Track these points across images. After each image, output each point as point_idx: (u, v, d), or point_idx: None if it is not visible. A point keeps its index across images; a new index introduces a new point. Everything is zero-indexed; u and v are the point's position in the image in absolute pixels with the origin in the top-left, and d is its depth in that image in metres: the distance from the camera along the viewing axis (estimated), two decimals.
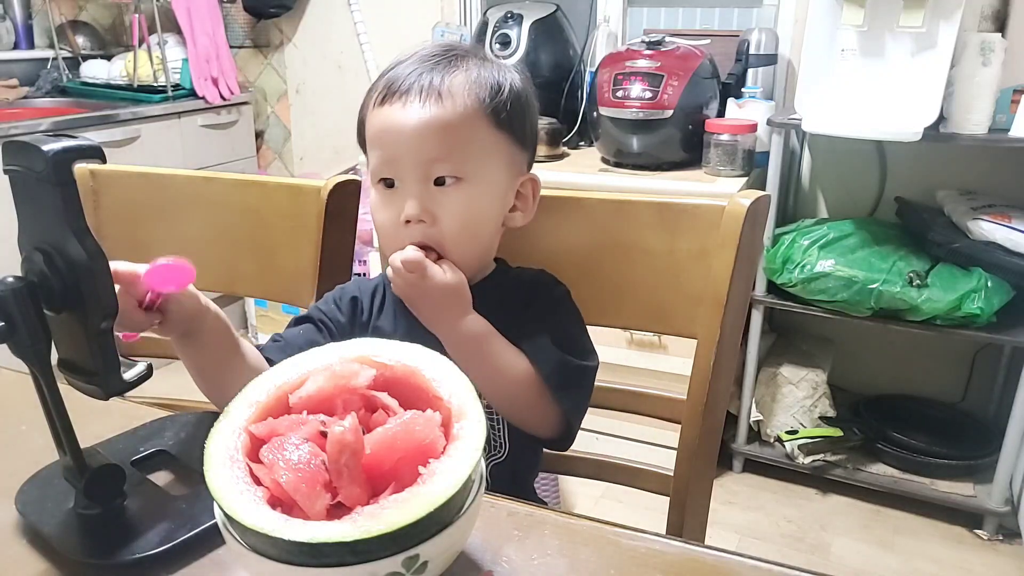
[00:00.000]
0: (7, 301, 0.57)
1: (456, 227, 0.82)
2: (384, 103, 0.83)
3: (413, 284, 0.79)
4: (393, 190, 0.83)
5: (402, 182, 0.82)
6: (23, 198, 0.60)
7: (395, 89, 0.82)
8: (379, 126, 0.83)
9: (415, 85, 0.82)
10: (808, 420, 2.15)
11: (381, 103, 0.83)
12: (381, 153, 0.83)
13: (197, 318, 0.75)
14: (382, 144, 0.83)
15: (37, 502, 0.66)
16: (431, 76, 0.82)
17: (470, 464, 0.51)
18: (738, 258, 0.87)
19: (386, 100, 0.83)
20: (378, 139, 0.83)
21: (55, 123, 2.37)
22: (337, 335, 0.89)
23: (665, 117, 2.03)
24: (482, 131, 0.83)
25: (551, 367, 0.82)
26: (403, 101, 0.82)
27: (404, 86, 0.82)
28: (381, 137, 0.83)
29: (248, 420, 0.55)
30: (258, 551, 0.49)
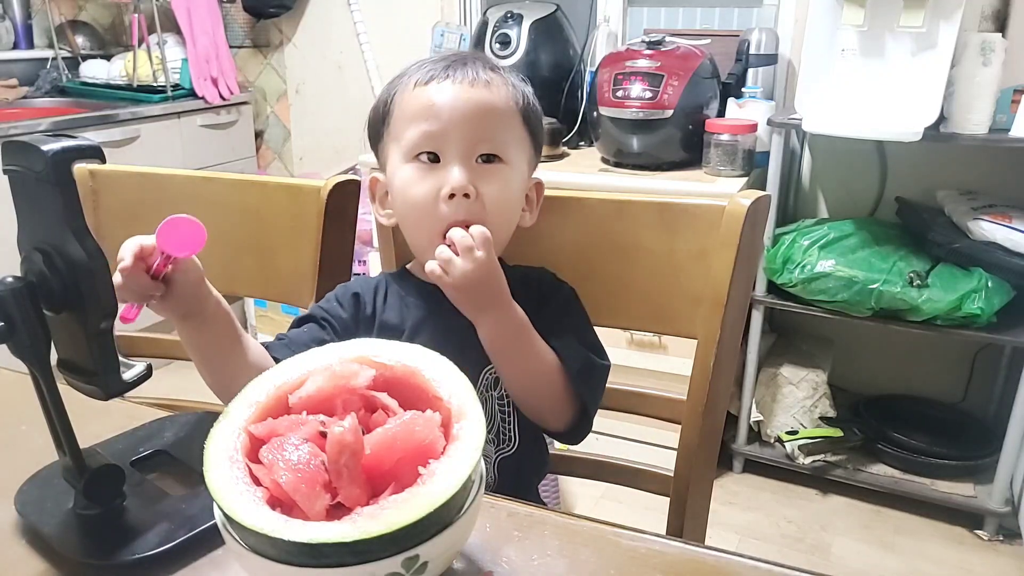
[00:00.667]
0: (7, 301, 0.57)
1: (497, 205, 0.84)
2: (430, 82, 0.85)
3: (480, 263, 0.78)
4: (434, 165, 0.83)
5: (447, 156, 0.83)
6: (23, 198, 0.60)
7: (442, 73, 0.85)
8: (426, 101, 0.84)
9: (462, 71, 0.85)
10: (808, 420, 2.15)
11: (426, 83, 0.85)
12: (428, 127, 0.83)
13: (199, 298, 0.75)
14: (430, 118, 0.83)
15: (37, 502, 0.66)
16: (474, 68, 0.86)
17: (470, 464, 0.51)
18: (738, 258, 0.87)
19: (433, 79, 0.85)
20: (425, 113, 0.84)
21: (54, 123, 2.37)
22: (341, 332, 0.89)
23: (665, 117, 2.03)
24: (517, 125, 0.88)
25: (579, 364, 0.85)
26: (453, 80, 0.84)
27: (451, 71, 0.85)
28: (429, 111, 0.84)
29: (248, 420, 0.55)
30: (257, 551, 0.49)
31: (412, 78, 0.87)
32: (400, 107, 0.87)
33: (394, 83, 0.90)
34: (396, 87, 0.89)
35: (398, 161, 0.86)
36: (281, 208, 1.14)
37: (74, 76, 2.97)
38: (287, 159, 3.19)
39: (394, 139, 0.87)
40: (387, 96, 0.90)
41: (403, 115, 0.86)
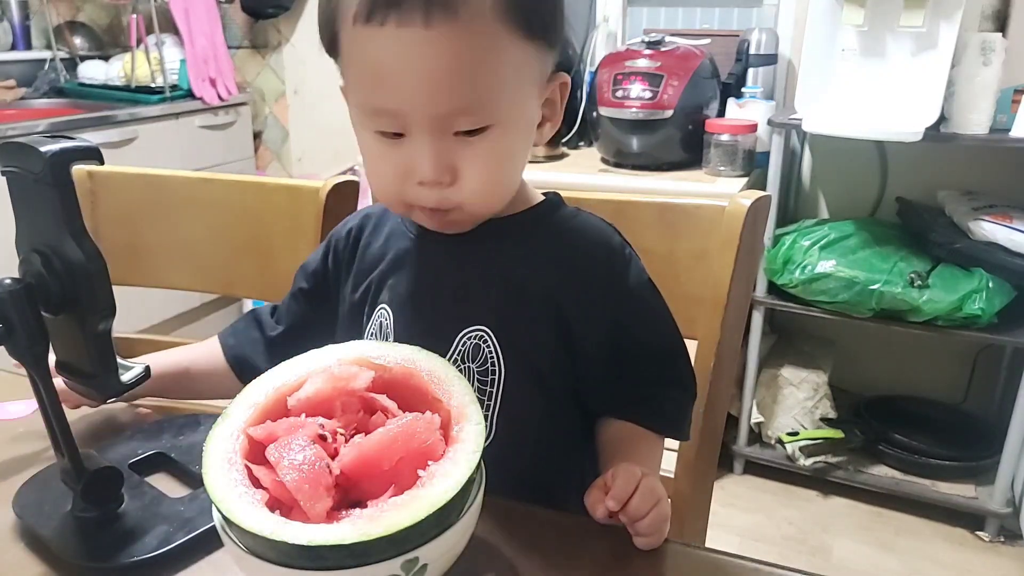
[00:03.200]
0: (4, 303, 0.57)
1: (482, 183, 0.66)
2: (371, 21, 0.60)
3: (664, 517, 0.62)
4: (398, 140, 0.65)
5: (411, 132, 0.64)
6: (20, 199, 0.59)
7: (382, 7, 0.59)
8: (371, 61, 0.62)
9: None
10: (809, 421, 2.15)
11: (366, 20, 0.60)
12: (379, 102, 0.64)
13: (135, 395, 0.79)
14: (380, 87, 0.63)
15: (35, 505, 0.65)
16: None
17: (470, 466, 0.51)
18: (738, 259, 0.87)
19: (372, 16, 0.60)
20: (372, 80, 0.63)
21: (52, 124, 2.36)
22: (316, 291, 0.84)
23: (665, 117, 2.03)
24: (509, 50, 0.63)
25: (678, 405, 0.77)
26: (397, 19, 0.59)
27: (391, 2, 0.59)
28: (376, 77, 0.62)
29: (246, 422, 0.55)
30: (256, 554, 0.49)
31: (348, 3, 0.62)
32: (343, 44, 0.65)
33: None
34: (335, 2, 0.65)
35: (354, 116, 0.69)
36: (280, 209, 1.14)
37: (72, 77, 2.97)
38: (286, 160, 3.19)
39: (345, 76, 0.68)
40: (329, 3, 0.67)
41: (348, 60, 0.66)
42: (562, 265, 0.72)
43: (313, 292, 0.84)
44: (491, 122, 0.64)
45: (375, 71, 0.62)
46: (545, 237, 0.74)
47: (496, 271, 0.73)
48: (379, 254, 0.78)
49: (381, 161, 0.68)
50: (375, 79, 0.63)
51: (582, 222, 0.77)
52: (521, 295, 0.72)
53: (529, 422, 0.72)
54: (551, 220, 0.76)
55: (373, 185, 0.71)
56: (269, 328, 0.85)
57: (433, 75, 0.60)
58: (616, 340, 0.73)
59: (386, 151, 0.66)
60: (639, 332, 0.74)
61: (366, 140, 0.68)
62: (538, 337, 0.72)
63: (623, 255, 0.75)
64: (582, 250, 0.74)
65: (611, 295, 0.73)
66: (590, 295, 0.72)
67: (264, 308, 0.87)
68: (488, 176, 0.67)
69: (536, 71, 0.67)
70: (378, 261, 0.78)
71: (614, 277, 0.74)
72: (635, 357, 0.74)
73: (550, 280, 0.72)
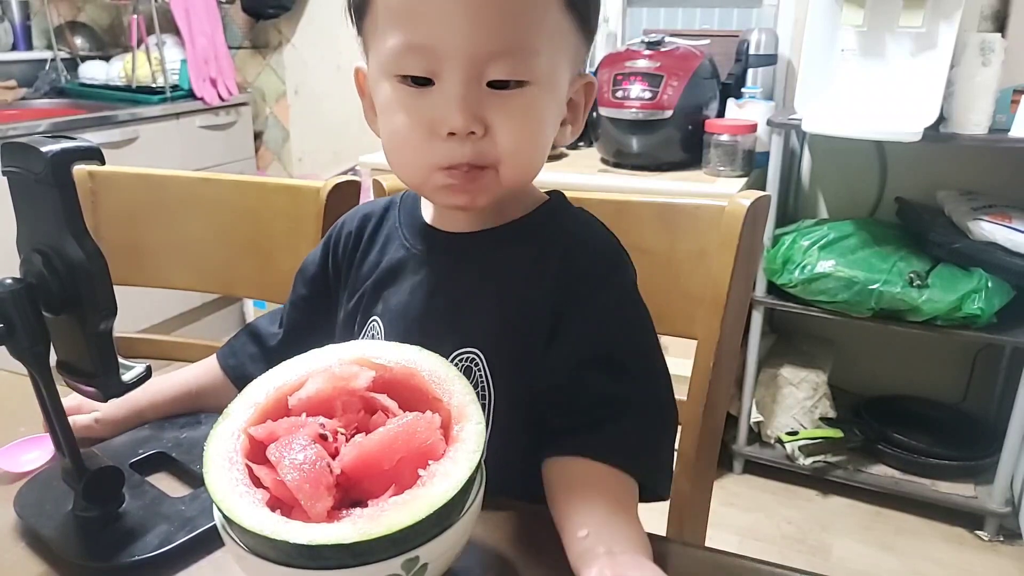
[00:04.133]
0: (5, 303, 0.57)
1: (517, 138, 0.62)
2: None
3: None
4: (424, 89, 0.60)
5: (442, 78, 0.59)
6: (22, 199, 0.60)
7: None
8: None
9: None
10: (808, 421, 2.15)
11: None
12: (410, 36, 0.59)
13: (129, 424, 0.79)
14: (413, 20, 0.59)
15: (36, 504, 0.66)
16: None
17: (470, 466, 0.51)
18: (738, 259, 0.87)
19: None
20: (403, 15, 0.59)
21: (53, 124, 2.37)
22: (315, 295, 0.81)
23: (665, 117, 2.03)
24: (552, 10, 0.61)
25: (645, 441, 0.64)
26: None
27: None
28: (409, 9, 0.59)
29: (247, 422, 0.55)
30: (257, 553, 0.49)
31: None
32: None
33: None
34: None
35: (376, 71, 0.64)
36: (280, 209, 1.14)
37: (73, 77, 2.97)
38: (286, 160, 3.19)
39: (372, 33, 0.64)
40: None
41: (377, 5, 0.62)
42: (562, 277, 0.67)
43: (313, 298, 0.82)
44: (526, 77, 0.60)
45: (415, 3, 0.58)
46: (547, 245, 0.69)
47: (493, 288, 0.69)
48: (374, 262, 0.75)
49: (405, 115, 0.62)
50: (414, 11, 0.58)
51: (585, 228, 0.72)
52: (517, 314, 0.68)
53: (519, 444, 0.66)
54: (554, 225, 0.71)
55: (393, 151, 0.65)
56: (269, 339, 0.83)
57: (475, 10, 0.57)
58: (582, 350, 0.66)
59: (411, 102, 0.61)
60: (610, 348, 0.66)
61: (388, 95, 0.63)
62: (532, 359, 0.67)
63: (622, 268, 0.71)
64: (584, 261, 0.68)
65: (598, 307, 0.67)
66: (582, 308, 0.67)
67: (261, 321, 0.85)
68: (523, 135, 0.62)
69: (571, 48, 0.64)
70: (372, 270, 0.75)
71: (606, 291, 0.68)
72: (599, 373, 0.65)
73: (549, 294, 0.67)
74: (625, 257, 0.71)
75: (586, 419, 0.63)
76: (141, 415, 0.80)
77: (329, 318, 0.81)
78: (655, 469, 0.64)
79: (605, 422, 0.62)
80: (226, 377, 0.83)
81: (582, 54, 0.67)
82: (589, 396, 0.64)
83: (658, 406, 0.66)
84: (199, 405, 0.83)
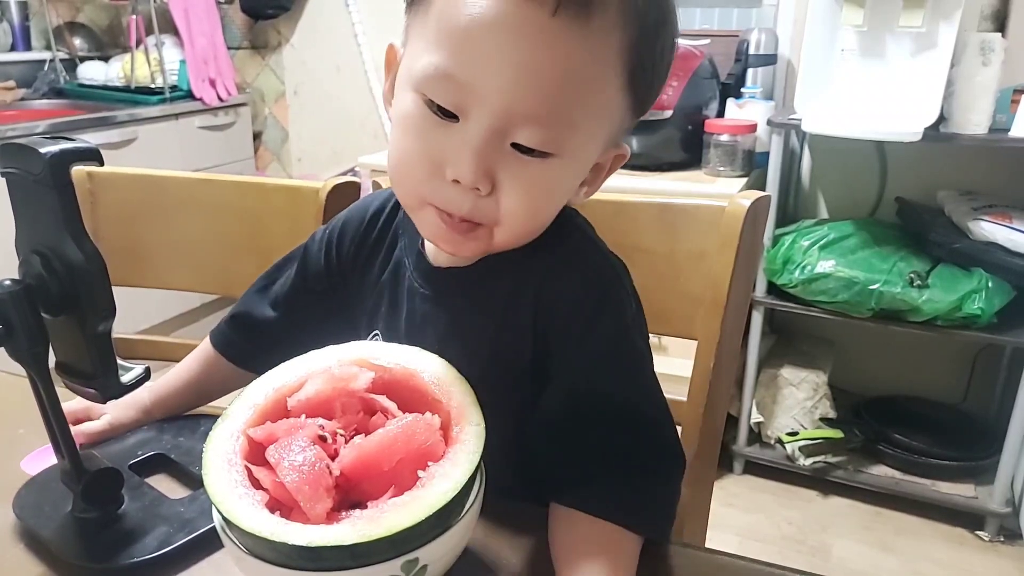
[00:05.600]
0: (4, 304, 0.56)
1: (521, 207, 0.58)
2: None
3: None
4: (445, 121, 0.56)
5: (466, 121, 0.55)
6: (20, 201, 0.59)
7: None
8: (469, 13, 0.53)
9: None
10: (809, 421, 2.15)
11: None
12: (448, 64, 0.54)
13: (139, 422, 0.80)
14: (458, 50, 0.54)
15: (35, 506, 0.65)
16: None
17: (470, 467, 0.51)
18: (738, 259, 0.87)
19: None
20: (453, 37, 0.54)
21: (52, 125, 2.37)
22: (313, 285, 0.79)
23: (665, 117, 2.03)
24: (608, 89, 0.56)
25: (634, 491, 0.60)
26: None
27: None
28: (462, 38, 0.53)
29: (246, 423, 0.55)
30: (256, 555, 0.49)
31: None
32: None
33: None
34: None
35: (405, 77, 0.58)
36: (279, 209, 1.14)
37: (72, 78, 2.97)
38: (285, 160, 3.19)
39: (418, 32, 0.57)
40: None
41: (441, 13, 0.55)
42: (545, 313, 0.64)
43: (311, 289, 0.80)
44: (555, 150, 0.56)
45: (468, 31, 0.53)
46: (529, 277, 0.65)
47: (476, 324, 0.67)
48: (378, 273, 0.74)
49: (418, 139, 0.58)
50: (464, 40, 0.53)
51: (577, 255, 0.66)
52: (502, 352, 0.66)
53: (507, 482, 0.61)
54: (543, 253, 0.65)
55: (395, 169, 0.61)
56: (265, 322, 0.81)
57: (527, 64, 0.52)
58: (574, 396, 0.63)
59: (428, 129, 0.57)
60: (603, 392, 0.62)
61: (408, 108, 0.58)
62: (520, 397, 0.66)
63: (616, 301, 0.65)
64: (571, 296, 0.64)
65: (589, 349, 0.63)
66: (571, 349, 0.64)
67: (249, 304, 0.82)
68: (528, 203, 0.58)
69: (615, 126, 0.61)
70: (376, 282, 0.74)
71: (597, 330, 0.63)
72: (593, 421, 0.62)
73: (530, 330, 0.64)
74: (618, 290, 0.65)
75: (582, 470, 0.61)
76: (150, 414, 0.80)
77: (329, 307, 0.79)
78: (653, 520, 0.60)
79: (601, 475, 0.60)
80: (227, 361, 0.82)
81: (626, 128, 0.63)
82: (584, 446, 0.61)
83: (657, 453, 0.63)
84: (204, 394, 0.83)
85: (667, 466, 0.63)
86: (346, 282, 0.78)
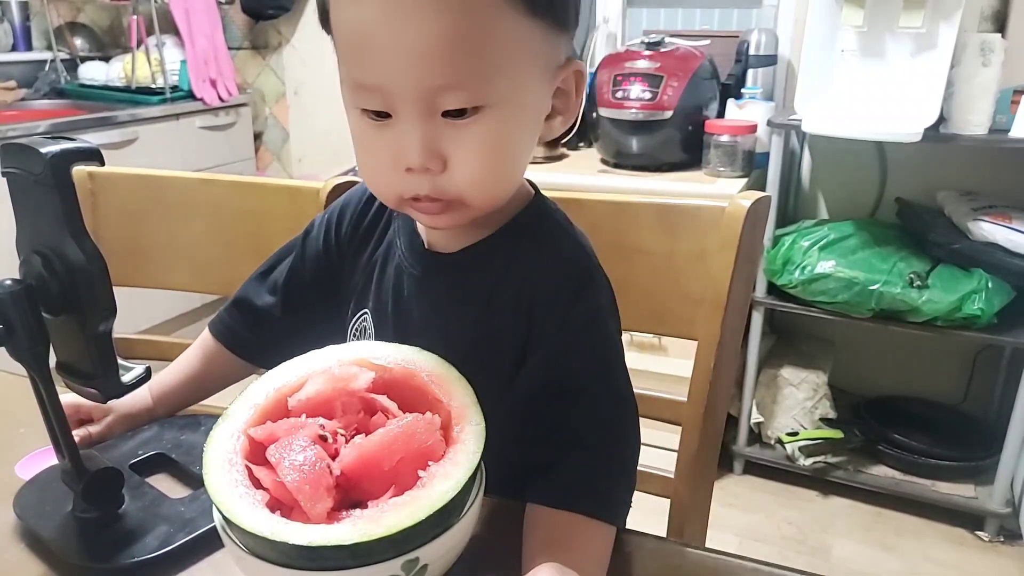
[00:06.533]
0: (5, 304, 0.57)
1: (477, 171, 0.60)
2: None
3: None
4: (384, 121, 0.60)
5: (397, 112, 0.59)
6: (21, 200, 0.60)
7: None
8: (350, 26, 0.58)
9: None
10: (809, 422, 2.15)
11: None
12: (361, 77, 0.58)
13: (142, 420, 0.80)
14: (357, 61, 0.58)
15: (35, 506, 0.66)
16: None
17: (470, 467, 0.51)
18: (738, 259, 0.87)
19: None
20: (351, 50, 0.59)
21: (53, 125, 2.37)
22: (313, 270, 0.80)
23: (665, 118, 2.03)
24: (508, 26, 0.57)
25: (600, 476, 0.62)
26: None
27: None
28: (355, 49, 0.58)
29: (247, 423, 0.55)
30: (257, 554, 0.49)
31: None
32: (332, 10, 0.60)
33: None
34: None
35: (344, 98, 0.63)
36: (280, 209, 1.14)
37: (72, 78, 2.97)
38: (286, 160, 3.19)
39: (338, 58, 0.62)
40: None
41: (336, 30, 0.60)
42: (524, 302, 0.66)
43: (311, 273, 0.80)
44: (482, 102, 0.57)
45: (357, 40, 0.57)
46: (511, 264, 0.67)
47: (458, 312, 0.69)
48: (370, 253, 0.76)
49: (370, 147, 0.62)
50: (357, 49, 0.57)
51: (552, 245, 0.69)
52: (484, 340, 0.67)
53: (504, 472, 0.63)
54: (524, 243, 0.68)
55: (365, 176, 0.66)
56: (266, 309, 0.81)
57: (417, 45, 0.54)
58: (537, 379, 0.65)
59: (374, 135, 0.61)
60: (569, 375, 0.64)
61: (355, 123, 0.62)
62: (504, 387, 0.66)
63: (589, 289, 0.66)
64: (548, 283, 0.66)
65: (559, 334, 0.65)
66: (543, 335, 0.65)
67: (250, 292, 0.82)
68: (481, 164, 0.60)
69: (541, 53, 0.61)
70: (369, 259, 0.76)
71: (570, 316, 0.65)
72: (552, 404, 0.63)
73: (511, 319, 0.66)
74: (595, 275, 0.68)
75: (539, 455, 0.62)
76: (153, 412, 0.80)
77: (326, 290, 0.79)
78: (606, 505, 0.61)
79: (557, 462, 0.61)
80: (226, 349, 0.82)
81: (559, 47, 0.63)
82: (542, 429, 0.63)
83: (613, 438, 0.64)
84: (205, 387, 0.83)
85: (627, 454, 0.65)
86: (342, 262, 0.79)
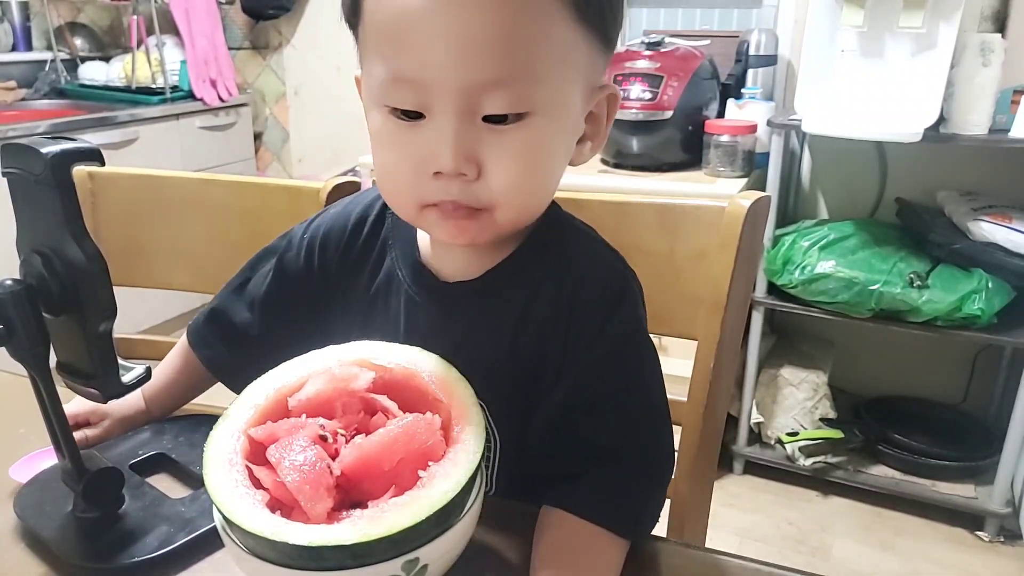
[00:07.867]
0: (5, 304, 0.57)
1: (515, 179, 0.56)
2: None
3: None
4: (414, 123, 0.55)
5: (432, 114, 0.54)
6: (21, 200, 0.60)
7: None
8: (391, 14, 0.53)
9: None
10: (809, 422, 2.15)
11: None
12: (394, 69, 0.54)
13: (137, 422, 0.79)
14: (397, 52, 0.53)
15: (36, 506, 0.66)
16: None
17: (470, 467, 0.51)
18: (738, 259, 0.87)
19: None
20: (389, 40, 0.54)
21: (53, 125, 2.37)
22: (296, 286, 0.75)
23: (665, 118, 2.03)
24: (560, 28, 0.54)
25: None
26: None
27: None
28: (395, 38, 0.53)
29: (247, 423, 0.55)
30: (257, 554, 0.49)
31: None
32: (367, 2, 0.55)
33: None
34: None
35: (367, 97, 0.59)
36: (280, 210, 1.14)
37: (73, 78, 2.97)
38: (286, 161, 3.19)
39: (363, 53, 0.58)
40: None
41: (371, 20, 0.55)
42: (561, 320, 0.64)
43: (291, 294, 0.75)
44: (527, 108, 0.54)
45: (399, 29, 0.52)
46: (543, 283, 0.65)
47: (487, 338, 0.66)
48: (366, 285, 0.71)
49: (394, 149, 0.57)
50: (397, 39, 0.53)
51: (586, 257, 0.67)
52: (518, 363, 0.65)
53: (524, 492, 0.65)
54: (551, 260, 0.66)
55: (382, 179, 0.61)
56: (243, 328, 0.77)
57: (467, 34, 0.51)
58: (574, 394, 0.63)
59: (400, 136, 0.56)
60: (601, 390, 0.63)
61: (378, 124, 0.58)
62: (533, 402, 0.65)
63: (626, 303, 0.65)
64: (584, 300, 0.64)
65: (596, 351, 0.63)
66: (580, 351, 0.64)
67: (227, 305, 0.79)
68: (520, 173, 0.56)
69: (584, 67, 0.57)
70: (363, 294, 0.71)
71: (606, 333, 0.63)
72: (587, 419, 0.62)
73: (548, 339, 0.64)
74: (631, 285, 0.66)
75: (569, 468, 0.61)
76: (148, 415, 0.80)
77: (308, 315, 0.75)
78: (633, 523, 0.60)
79: (586, 473, 0.61)
80: (206, 368, 0.79)
81: (600, 65, 0.60)
82: (574, 443, 0.62)
83: (647, 456, 0.63)
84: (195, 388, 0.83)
85: (658, 471, 0.64)
86: (330, 292, 0.73)
